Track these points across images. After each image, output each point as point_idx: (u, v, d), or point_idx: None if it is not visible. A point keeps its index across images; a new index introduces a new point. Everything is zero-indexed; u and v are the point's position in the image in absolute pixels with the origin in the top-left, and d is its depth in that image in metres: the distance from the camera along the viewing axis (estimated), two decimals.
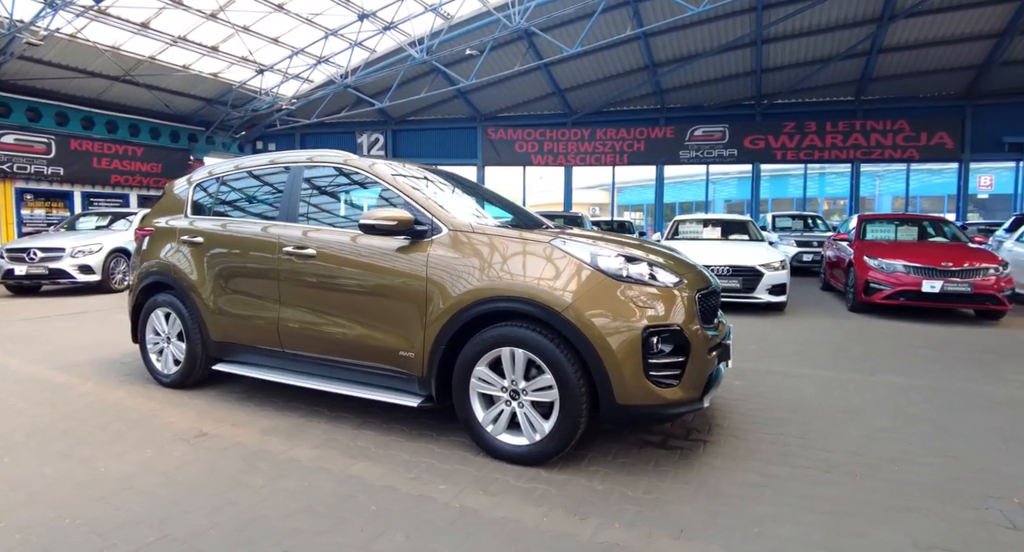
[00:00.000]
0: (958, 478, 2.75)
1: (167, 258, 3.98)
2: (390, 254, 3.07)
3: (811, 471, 2.80)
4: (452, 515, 2.30)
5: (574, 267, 2.70)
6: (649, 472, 2.75)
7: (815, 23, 14.65)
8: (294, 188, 3.58)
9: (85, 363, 4.72)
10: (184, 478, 2.61)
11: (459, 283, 2.83)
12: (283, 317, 3.43)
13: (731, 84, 17.90)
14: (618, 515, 2.33)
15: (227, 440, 3.07)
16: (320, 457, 2.85)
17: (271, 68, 16.48)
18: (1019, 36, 14.36)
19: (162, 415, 3.46)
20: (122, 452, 2.89)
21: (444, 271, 2.89)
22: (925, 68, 16.17)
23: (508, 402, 2.77)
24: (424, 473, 2.69)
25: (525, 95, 18.93)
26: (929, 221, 9.41)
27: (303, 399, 3.76)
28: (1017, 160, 16.95)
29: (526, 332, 2.67)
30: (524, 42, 15.76)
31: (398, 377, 3.08)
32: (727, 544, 2.14)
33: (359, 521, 2.25)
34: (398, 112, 19.70)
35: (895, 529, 2.28)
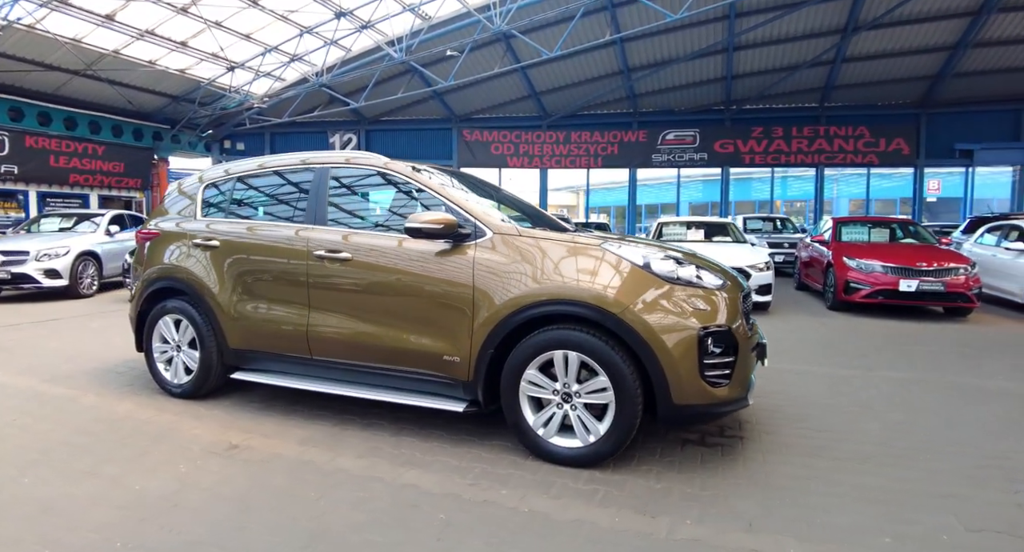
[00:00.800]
0: (980, 465, 2.92)
1: (178, 262, 3.83)
2: (433, 258, 3.04)
3: (848, 463, 2.92)
4: (523, 520, 2.31)
5: (628, 270, 2.75)
6: (698, 469, 2.82)
7: (784, 32, 15.17)
8: (322, 190, 3.50)
9: (78, 374, 4.48)
10: (231, 493, 2.52)
11: (509, 287, 2.83)
12: (313, 323, 3.34)
13: (702, 90, 18.36)
14: (685, 512, 2.39)
15: (263, 452, 2.98)
16: (368, 466, 2.80)
17: (242, 65, 16.06)
18: (970, 49, 15.20)
19: (182, 427, 3.33)
20: (152, 468, 2.76)
21: (491, 275, 2.89)
22: (884, 77, 16.94)
23: (560, 405, 2.79)
24: (480, 479, 2.68)
25: (501, 97, 18.97)
26: (899, 223, 9.90)
27: (329, 407, 3.67)
28: (966, 166, 17.92)
29: (581, 335, 2.70)
30: (502, 44, 15.79)
31: (440, 382, 3.05)
32: (798, 535, 2.22)
33: (431, 530, 2.23)
34: (372, 112, 19.45)
35: (944, 514, 2.42)
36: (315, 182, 3.54)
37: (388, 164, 3.39)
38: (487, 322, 2.85)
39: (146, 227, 4.19)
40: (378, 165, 3.43)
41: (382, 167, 3.41)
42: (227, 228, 3.76)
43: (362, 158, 3.51)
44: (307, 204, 3.52)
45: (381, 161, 3.43)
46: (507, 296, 2.82)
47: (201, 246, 3.77)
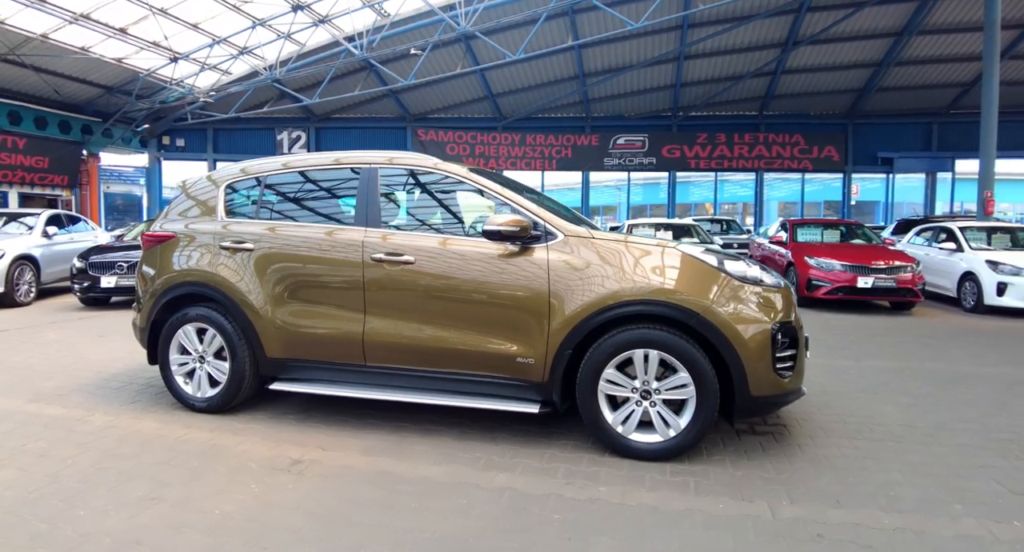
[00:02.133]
0: (994, 439, 3.27)
1: (202, 267, 3.56)
2: (502, 260, 3.04)
3: (886, 442, 3.20)
4: (636, 514, 2.38)
5: (705, 271, 2.90)
6: (764, 455, 3.00)
7: (731, 44, 16.03)
8: (372, 191, 3.40)
9: (68, 391, 4.06)
10: (324, 511, 2.41)
11: (589, 288, 2.89)
12: (370, 329, 3.23)
13: (652, 96, 19.08)
14: (776, 495, 2.55)
15: (332, 465, 2.85)
16: (451, 473, 2.76)
17: (187, 56, 15.20)
18: (892, 67, 16.63)
19: (225, 444, 3.11)
20: (220, 490, 2.58)
21: (567, 277, 2.94)
22: (818, 89, 18.23)
23: (639, 402, 2.89)
24: (571, 477, 2.71)
25: (457, 98, 18.94)
26: (846, 225, 10.72)
27: (378, 415, 3.55)
28: (887, 172, 19.56)
29: (663, 334, 2.81)
30: (462, 45, 15.79)
31: (509, 384, 3.06)
32: (883, 508, 2.43)
33: (553, 531, 2.24)
34: (322, 109, 18.91)
35: (988, 481, 2.71)
36: (363, 183, 3.43)
37: (438, 165, 3.36)
38: (566, 323, 2.89)
39: (155, 230, 3.90)
40: (429, 166, 3.39)
41: (431, 167, 3.38)
42: (261, 230, 3.55)
43: (413, 158, 3.47)
44: (356, 205, 3.42)
45: (432, 162, 3.40)
46: (587, 297, 2.88)
47: (231, 249, 3.53)
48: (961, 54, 16.05)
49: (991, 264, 8.35)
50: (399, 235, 3.28)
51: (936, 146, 18.84)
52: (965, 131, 18.36)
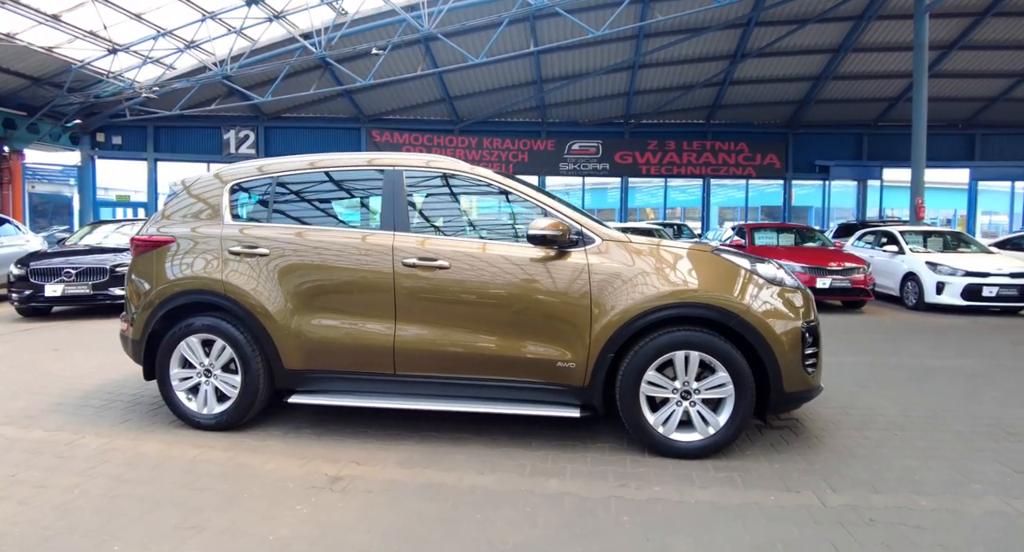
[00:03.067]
0: (980, 424, 3.56)
1: (210, 274, 3.33)
2: (541, 265, 3.04)
3: (893, 432, 3.42)
4: (699, 511, 2.43)
5: (740, 274, 3.02)
6: (791, 449, 3.14)
7: (684, 54, 16.64)
8: (398, 193, 3.30)
9: (41, 411, 3.72)
10: (387, 528, 2.29)
11: (630, 292, 2.93)
12: (401, 336, 3.13)
13: (606, 103, 19.52)
14: (817, 484, 2.68)
15: (374, 480, 2.74)
16: (502, 481, 2.72)
17: (127, 48, 14.30)
18: (829, 81, 17.74)
19: (249, 464, 2.93)
20: (265, 513, 2.42)
21: (608, 280, 2.97)
22: (761, 100, 19.19)
23: (679, 402, 2.97)
24: (623, 479, 2.74)
25: (413, 99, 18.73)
26: (798, 229, 11.36)
27: (401, 425, 3.42)
28: (824, 179, 20.81)
29: (704, 335, 2.90)
30: (421, 46, 15.64)
31: (548, 389, 3.05)
32: (915, 491, 2.62)
33: (626, 533, 2.26)
34: (272, 108, 18.25)
35: (992, 463, 2.96)
36: (388, 185, 3.32)
37: (473, 170, 3.33)
38: (608, 327, 2.93)
39: (150, 234, 3.57)
40: (457, 168, 3.35)
41: (463, 171, 3.34)
42: (278, 234, 3.35)
43: (444, 161, 3.43)
44: (382, 208, 3.32)
45: (460, 165, 3.37)
46: (629, 301, 2.92)
47: (243, 254, 3.32)
48: (889, 71, 17.31)
49: (930, 265, 9.06)
50: (431, 239, 3.22)
51: (866, 156, 20.22)
52: (891, 142, 19.85)
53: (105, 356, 5.26)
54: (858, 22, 15.23)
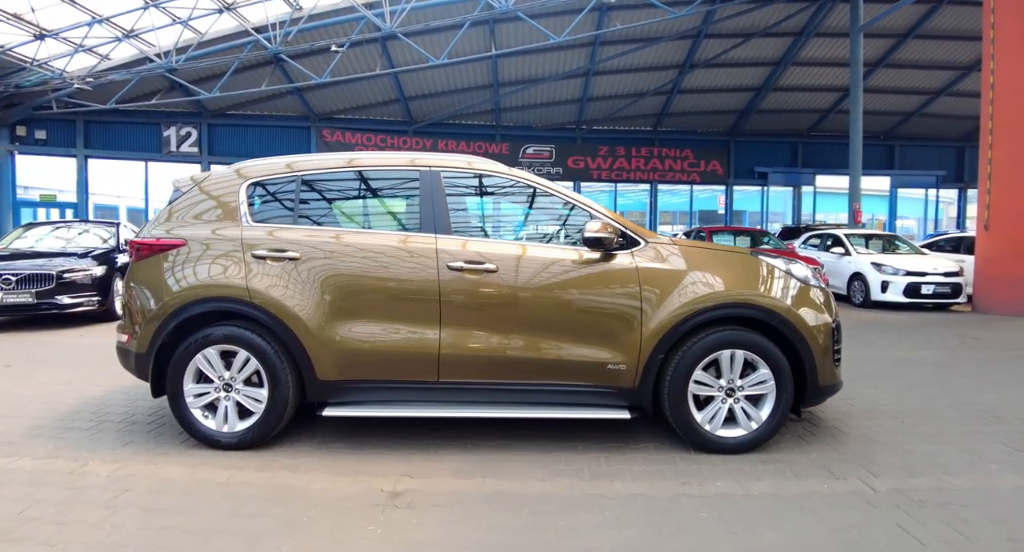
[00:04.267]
0: (967, 410, 3.90)
1: (232, 280, 3.11)
2: (590, 267, 3.07)
3: (899, 420, 3.68)
4: (767, 502, 2.53)
5: (778, 275, 3.17)
6: (818, 439, 3.33)
7: (637, 63, 17.16)
8: (437, 195, 3.23)
9: (20, 437, 3.33)
10: (477, 543, 2.24)
11: (679, 293, 3.02)
12: (447, 343, 3.06)
13: (560, 109, 19.85)
14: (858, 471, 2.86)
15: (436, 493, 2.65)
16: (568, 486, 2.71)
17: (56, 34, 13.23)
18: (770, 92, 18.79)
19: (293, 484, 2.75)
20: (337, 537, 2.27)
21: (657, 282, 3.04)
22: (706, 109, 20.07)
23: (723, 400, 3.08)
24: (682, 477, 2.79)
25: (367, 99, 18.35)
26: (753, 233, 11.99)
27: (432, 435, 3.34)
28: (763, 184, 21.99)
29: (749, 334, 3.03)
30: (379, 45, 15.36)
31: (597, 392, 3.08)
32: (945, 472, 2.85)
33: (711, 527, 2.32)
34: (216, 104, 17.37)
35: (993, 444, 3.26)
36: (426, 186, 3.24)
37: (501, 169, 3.34)
38: (660, 328, 2.99)
39: (156, 236, 3.26)
40: (496, 170, 3.34)
41: (498, 171, 3.34)
42: (307, 236, 3.18)
43: (480, 162, 3.39)
44: (422, 210, 3.22)
45: (498, 166, 3.36)
46: (680, 302, 3.00)
47: (269, 258, 3.12)
48: (823, 85, 18.55)
49: (875, 266, 9.79)
50: (476, 242, 3.18)
51: (801, 163, 21.54)
52: (823, 151, 21.27)
53: (70, 371, 4.84)
54: (798, 38, 16.24)
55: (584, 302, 3.07)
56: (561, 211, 3.35)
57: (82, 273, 7.45)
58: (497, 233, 3.38)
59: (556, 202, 3.32)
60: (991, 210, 8.98)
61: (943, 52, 17.02)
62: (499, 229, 3.43)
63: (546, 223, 3.48)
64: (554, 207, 3.37)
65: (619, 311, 3.04)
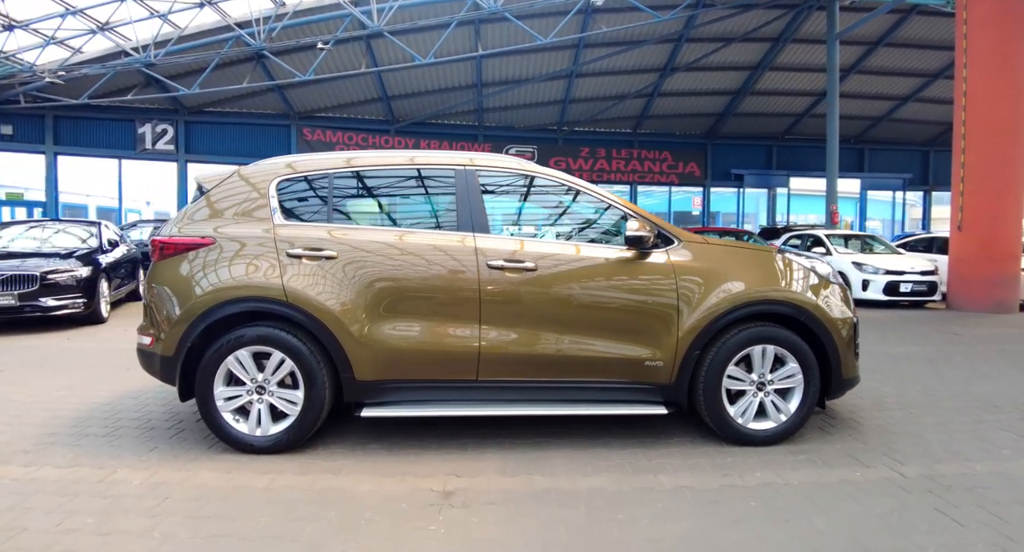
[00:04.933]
0: (969, 401, 4.11)
1: (268, 279, 3.04)
2: (628, 265, 3.14)
3: (906, 411, 3.85)
4: (809, 491, 2.64)
5: (804, 272, 3.30)
6: (838, 430, 3.47)
7: (619, 65, 17.40)
8: (474, 194, 3.25)
9: (32, 445, 3.17)
10: (545, 541, 2.26)
11: (714, 290, 3.11)
12: (487, 342, 3.07)
13: (542, 110, 19.97)
14: (883, 459, 3.00)
15: (488, 491, 2.66)
16: (614, 482, 2.77)
17: (26, 25, 12.76)
18: (747, 95, 19.26)
19: (339, 487, 2.72)
20: (396, 539, 2.26)
21: (693, 280, 3.14)
22: (685, 112, 20.45)
23: (755, 394, 3.19)
24: (722, 469, 2.88)
25: (349, 97, 18.17)
26: (736, 233, 12.29)
27: (463, 434, 3.36)
28: (739, 186, 22.51)
29: (778, 329, 3.15)
30: (363, 43, 15.23)
31: (633, 388, 3.16)
32: (964, 459, 3.01)
33: (763, 516, 2.40)
34: (194, 101, 16.97)
35: (999, 432, 3.45)
36: (462, 185, 3.26)
37: (535, 168, 3.38)
38: (697, 324, 3.08)
39: (183, 234, 3.19)
40: (529, 169, 3.38)
41: (531, 171, 3.38)
42: (343, 234, 3.15)
43: (512, 162, 3.43)
44: (459, 209, 3.23)
45: (532, 165, 3.40)
46: (715, 299, 3.10)
47: (306, 257, 3.08)
48: (797, 89, 19.09)
49: (856, 265, 10.14)
50: (515, 241, 3.21)
51: (775, 165, 22.12)
52: (797, 153, 21.89)
53: (66, 376, 4.70)
54: (775, 43, 16.69)
55: (622, 300, 3.14)
56: (596, 210, 3.42)
57: (67, 274, 7.19)
58: (534, 232, 3.42)
59: (592, 201, 3.38)
60: (964, 212, 9.40)
61: (911, 60, 17.71)
62: (536, 228, 3.47)
63: (582, 222, 3.54)
64: (590, 206, 3.43)
65: (657, 309, 3.12)
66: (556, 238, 3.38)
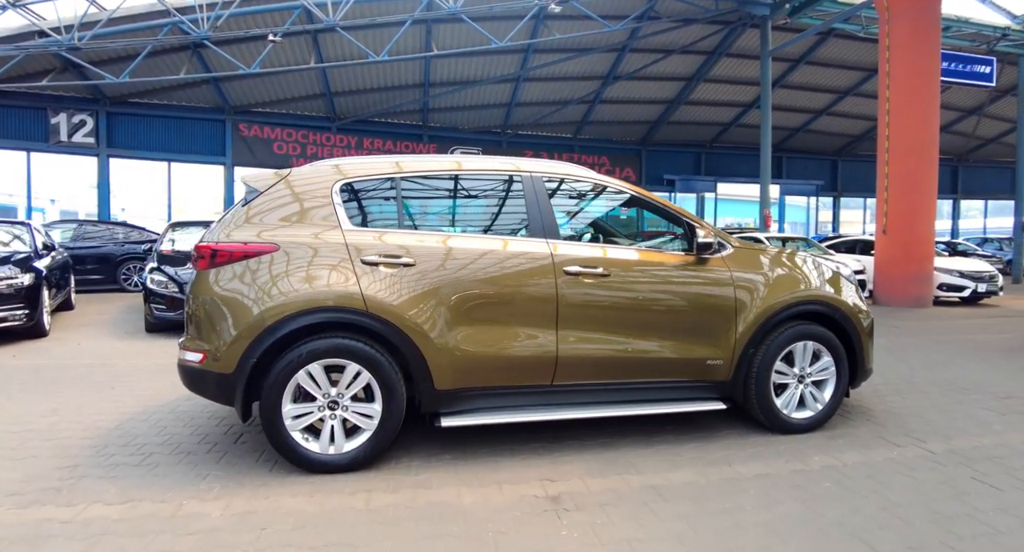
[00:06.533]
0: (943, 385, 4.68)
1: (347, 288, 2.94)
2: (690, 269, 3.37)
3: (900, 396, 4.35)
4: (866, 469, 2.97)
5: (833, 273, 3.68)
6: (855, 415, 3.89)
7: (566, 72, 17.84)
8: (543, 200, 3.32)
9: (60, 480, 2.88)
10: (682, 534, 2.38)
11: (765, 292, 3.42)
12: (565, 346, 3.16)
13: (488, 112, 20.09)
14: (908, 440, 3.41)
15: (594, 493, 2.76)
16: (701, 474, 2.95)
17: None
18: (681, 105, 20.34)
19: (441, 500, 2.70)
20: (546, 547, 2.30)
21: (747, 283, 3.41)
22: (622, 119, 21.27)
23: (796, 386, 3.53)
24: (783, 456, 3.15)
25: (289, 92, 17.43)
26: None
27: (527, 439, 3.42)
28: (671, 191, 23.67)
29: (816, 327, 3.50)
30: (310, 37, 14.72)
31: (695, 386, 3.39)
32: (969, 434, 3.49)
33: (848, 494, 2.69)
34: (117, 91, 15.65)
35: (981, 410, 4.00)
36: (530, 191, 3.33)
37: (594, 176, 3.54)
38: (751, 324, 3.37)
39: (234, 240, 3.01)
40: (590, 177, 3.53)
41: (591, 178, 3.53)
42: (418, 241, 3.11)
43: (576, 169, 3.56)
44: (529, 215, 3.29)
45: (592, 173, 3.55)
46: (767, 300, 3.40)
47: (382, 264, 3.01)
48: (726, 100, 20.40)
49: None
50: (585, 247, 3.35)
51: (704, 171, 23.50)
52: (723, 160, 23.36)
53: (43, 399, 4.23)
54: (710, 56, 17.77)
55: (688, 303, 3.35)
56: (654, 217, 3.63)
57: (6, 283, 6.43)
58: (600, 238, 3.57)
59: (651, 208, 3.58)
60: (888, 218, 10.53)
61: (827, 77, 19.43)
62: (602, 234, 3.62)
63: (643, 228, 3.74)
64: (649, 213, 3.64)
65: (718, 310, 3.37)
66: (626, 243, 3.56)
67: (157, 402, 4.19)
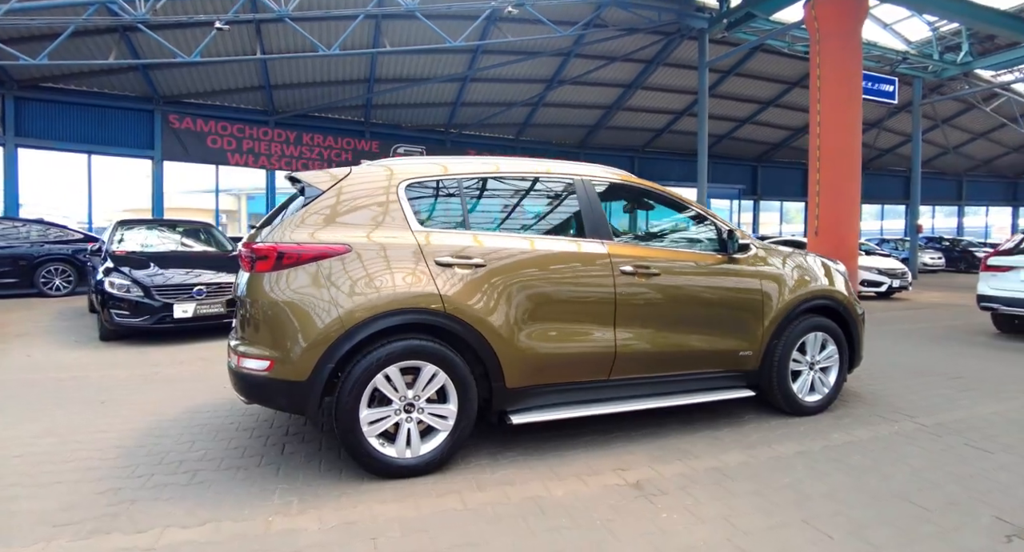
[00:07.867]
0: (904, 370, 5.30)
1: (425, 289, 2.96)
2: (724, 267, 3.68)
3: (876, 380, 4.91)
4: (878, 443, 3.40)
5: (834, 271, 4.14)
6: (850, 398, 4.38)
7: (512, 74, 18.08)
8: (595, 203, 3.49)
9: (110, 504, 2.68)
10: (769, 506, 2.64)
11: (786, 289, 3.80)
12: (622, 342, 3.35)
13: (432, 111, 19.98)
14: (897, 415, 3.91)
15: (666, 479, 2.94)
16: (750, 456, 3.23)
17: None
18: (619, 110, 21.17)
19: (535, 494, 2.78)
20: (662, 530, 2.45)
21: (770, 279, 3.79)
22: (563, 122, 21.83)
23: (808, 372, 3.95)
24: (808, 436, 3.52)
25: (224, 83, 16.53)
26: None
27: (569, 433, 3.57)
28: None
29: (824, 319, 3.94)
30: (252, 26, 14.06)
31: (727, 376, 3.71)
32: (943, 409, 4.04)
33: (872, 465, 3.07)
34: (27, 74, 14.22)
35: (941, 390, 4.60)
36: (583, 194, 3.49)
37: (635, 180, 3.79)
38: (776, 318, 3.74)
39: (297, 241, 2.93)
40: (632, 180, 3.77)
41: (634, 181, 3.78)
42: (487, 242, 3.18)
43: (620, 173, 3.77)
44: (585, 217, 3.44)
45: (633, 177, 3.79)
46: (788, 296, 3.79)
47: (456, 265, 3.05)
48: (660, 107, 21.45)
49: None
50: (639, 247, 3.57)
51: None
52: (655, 165, 24.50)
53: (29, 420, 3.88)
54: (648, 65, 18.64)
55: (724, 299, 3.68)
56: (690, 219, 3.91)
57: None
58: (641, 239, 3.80)
59: (688, 210, 3.87)
60: (820, 220, 11.58)
61: (752, 88, 20.89)
62: (641, 235, 3.86)
63: (682, 230, 4.01)
64: (686, 215, 3.91)
65: (749, 305, 3.72)
66: (670, 244, 3.84)
67: (165, 416, 3.96)
